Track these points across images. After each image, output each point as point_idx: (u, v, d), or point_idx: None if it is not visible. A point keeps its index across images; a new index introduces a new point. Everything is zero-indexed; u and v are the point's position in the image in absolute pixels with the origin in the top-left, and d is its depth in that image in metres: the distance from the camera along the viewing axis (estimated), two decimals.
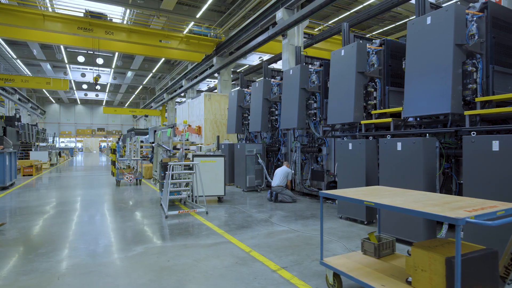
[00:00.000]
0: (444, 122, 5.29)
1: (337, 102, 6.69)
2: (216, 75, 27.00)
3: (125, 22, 22.35)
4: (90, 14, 18.58)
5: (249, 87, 11.63)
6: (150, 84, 41.34)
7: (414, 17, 5.49)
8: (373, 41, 6.74)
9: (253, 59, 28.72)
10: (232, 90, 11.76)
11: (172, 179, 6.82)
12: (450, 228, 5.15)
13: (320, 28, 23.78)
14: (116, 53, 29.13)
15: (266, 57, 26.68)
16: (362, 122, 6.22)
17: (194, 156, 7.80)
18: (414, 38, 5.26)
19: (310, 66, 8.31)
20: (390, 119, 5.68)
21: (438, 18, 4.88)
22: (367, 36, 25.22)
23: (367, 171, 5.65)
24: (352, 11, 22.17)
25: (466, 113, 4.58)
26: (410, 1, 15.96)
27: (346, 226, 5.62)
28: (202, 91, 37.17)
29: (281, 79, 9.85)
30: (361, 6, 21.15)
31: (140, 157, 12.55)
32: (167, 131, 9.42)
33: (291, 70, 8.47)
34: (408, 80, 5.31)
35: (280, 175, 7.97)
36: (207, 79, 33.51)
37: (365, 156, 5.64)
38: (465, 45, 4.76)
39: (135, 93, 46.81)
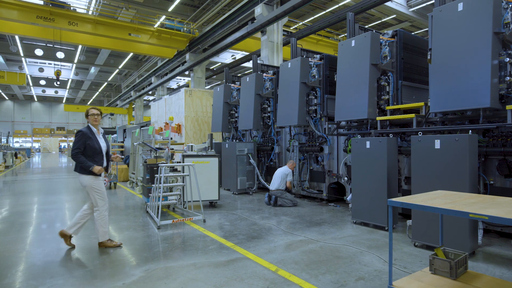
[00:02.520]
0: (471, 118, 4.90)
1: (347, 97, 6.15)
2: (187, 72, 25.89)
3: (90, 12, 20.61)
4: (51, 2, 16.84)
5: (235, 83, 10.88)
6: (115, 81, 39.07)
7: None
8: (385, 31, 6.28)
9: (226, 57, 27.90)
10: (218, 86, 10.94)
11: (162, 182, 5.92)
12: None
13: (296, 26, 23.52)
14: (79, 47, 27.01)
15: (239, 55, 25.99)
16: (378, 118, 5.72)
17: (184, 156, 6.93)
18: (441, 26, 4.81)
19: (309, 59, 7.73)
20: (412, 115, 5.22)
21: (472, 4, 4.45)
22: (339, 36, 25.28)
23: (388, 172, 5.13)
24: (327, 10, 22.06)
25: (509, 107, 4.19)
26: (385, 4, 16.10)
27: (367, 233, 5.07)
28: (173, 89, 35.69)
29: (274, 73, 9.20)
30: (337, 6, 21.06)
31: None
32: (149, 129, 8.44)
33: (289, 63, 7.84)
34: (435, 72, 4.86)
35: (279, 178, 7.31)
36: (177, 77, 32.26)
37: (386, 156, 5.12)
38: (502, 33, 4.37)
39: (99, 90, 44.12)
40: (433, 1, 19.09)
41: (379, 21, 22.99)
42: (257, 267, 3.70)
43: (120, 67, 32.80)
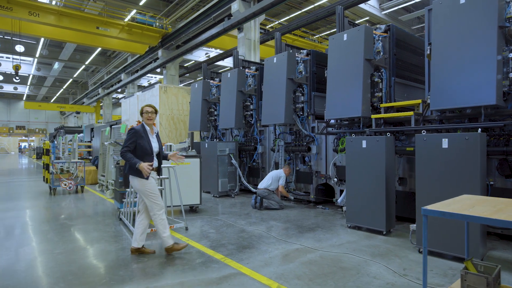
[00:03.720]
0: (471, 116, 4.70)
1: (339, 94, 5.81)
2: (158, 70, 24.88)
3: (54, 2, 19.18)
4: None
5: (214, 79, 10.32)
6: (82, 78, 37.01)
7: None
8: (378, 26, 6.01)
9: (200, 55, 27.16)
10: (196, 82, 10.34)
11: None
12: None
13: (272, 25, 23.31)
14: (42, 40, 25.20)
15: (213, 53, 25.36)
16: (373, 116, 5.41)
17: None
18: (441, 20, 4.55)
19: (296, 54, 7.34)
20: (411, 113, 4.95)
21: None
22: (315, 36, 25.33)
23: (386, 172, 4.83)
24: (303, 10, 22.02)
25: None
26: (359, 6, 16.15)
27: (365, 238, 4.73)
28: (144, 87, 34.27)
29: (257, 69, 8.75)
30: (312, 6, 21.06)
31: (80, 159, 10.45)
32: (121, 127, 7.71)
33: (275, 58, 7.41)
34: (435, 68, 4.59)
35: (271, 178, 6.85)
36: (149, 75, 31.07)
37: (384, 155, 4.81)
38: (506, 28, 4.18)
39: (64, 87, 41.66)
40: (404, 5, 19.56)
41: (354, 22, 23.24)
42: (255, 284, 3.22)
43: (86, 63, 31.05)
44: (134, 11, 20.62)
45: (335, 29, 24.04)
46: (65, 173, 9.63)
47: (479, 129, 3.99)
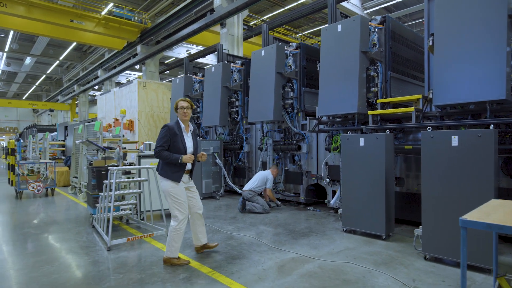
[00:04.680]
0: (474, 112, 4.42)
1: (333, 89, 5.44)
2: (137, 66, 23.96)
3: None
4: None
5: (197, 74, 9.78)
6: (56, 74, 35.28)
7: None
8: (374, 17, 5.67)
9: (180, 52, 26.35)
10: (178, 77, 9.77)
11: (113, 190, 4.71)
12: None
13: (255, 22, 22.91)
14: (11, 33, 23.71)
15: (194, 50, 24.66)
16: (370, 112, 5.07)
17: (141, 157, 5.76)
18: (445, 9, 4.24)
19: (285, 47, 6.93)
20: (411, 109, 4.63)
21: None
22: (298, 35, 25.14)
23: (386, 172, 4.49)
24: (285, 8, 21.76)
25: None
26: (341, 4, 16.00)
27: (364, 244, 4.37)
28: (122, 83, 33.09)
29: (242, 64, 8.28)
30: (295, 3, 20.80)
31: (52, 159, 9.66)
32: (95, 125, 7.08)
33: (263, 51, 6.97)
34: (440, 60, 4.27)
35: (257, 180, 6.41)
36: (127, 71, 29.97)
37: (384, 154, 4.47)
38: None
39: (36, 83, 39.66)
40: (386, 5, 19.64)
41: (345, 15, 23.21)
42: None
43: (61, 58, 29.53)
44: (111, 4, 19.68)
45: (318, 27, 23.97)
46: (33, 174, 8.85)
47: (491, 125, 3.66)
